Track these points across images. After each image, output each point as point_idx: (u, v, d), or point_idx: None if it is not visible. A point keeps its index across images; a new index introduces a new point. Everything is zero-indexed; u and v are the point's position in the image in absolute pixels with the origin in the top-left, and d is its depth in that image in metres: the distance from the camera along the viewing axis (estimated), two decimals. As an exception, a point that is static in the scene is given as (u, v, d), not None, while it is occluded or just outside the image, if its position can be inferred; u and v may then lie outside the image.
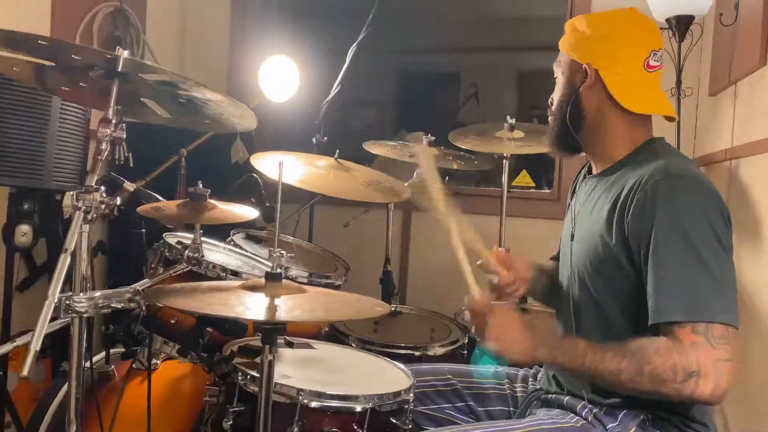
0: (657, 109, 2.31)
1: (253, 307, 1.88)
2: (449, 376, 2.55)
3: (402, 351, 3.00)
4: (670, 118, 2.38)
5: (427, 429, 2.35)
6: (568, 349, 2.04)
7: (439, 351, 3.08)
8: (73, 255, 1.73)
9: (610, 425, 2.10)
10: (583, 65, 2.27)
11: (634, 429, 2.08)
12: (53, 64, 1.88)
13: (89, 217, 1.79)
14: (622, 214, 2.08)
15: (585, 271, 2.24)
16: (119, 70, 1.84)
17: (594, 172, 2.40)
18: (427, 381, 2.52)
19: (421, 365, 2.65)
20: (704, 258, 1.94)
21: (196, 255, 2.53)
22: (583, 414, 2.17)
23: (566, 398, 2.26)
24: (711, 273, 1.94)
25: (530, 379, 2.55)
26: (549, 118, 2.43)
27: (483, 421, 2.46)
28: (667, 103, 2.33)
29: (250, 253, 3.23)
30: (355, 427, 2.14)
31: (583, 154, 2.41)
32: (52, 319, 1.61)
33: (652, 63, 2.25)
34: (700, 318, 1.90)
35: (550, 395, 2.34)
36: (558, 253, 2.61)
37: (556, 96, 2.40)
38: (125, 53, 1.83)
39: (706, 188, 2.04)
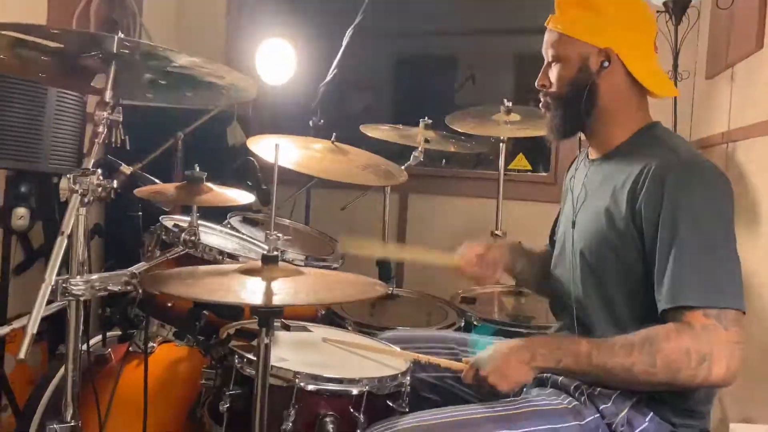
0: (673, 90, 2.31)
1: (251, 291, 1.88)
2: (452, 345, 2.56)
3: (399, 334, 3.00)
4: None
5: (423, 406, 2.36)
6: (569, 349, 2.00)
7: (436, 334, 3.08)
8: (70, 238, 1.73)
9: (602, 406, 2.09)
10: (604, 49, 2.18)
11: (626, 410, 2.07)
12: (61, 45, 1.87)
13: (86, 200, 1.79)
14: (632, 200, 2.06)
15: (590, 256, 2.22)
16: (114, 51, 1.85)
17: (592, 156, 2.37)
18: (428, 347, 2.53)
19: (422, 331, 2.66)
20: (717, 245, 1.97)
21: (193, 238, 2.53)
22: (576, 395, 2.16)
23: (561, 378, 2.24)
24: (723, 259, 1.97)
25: None
26: (548, 103, 2.33)
27: (483, 393, 2.45)
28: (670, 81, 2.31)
29: (247, 236, 3.23)
30: (352, 411, 2.14)
31: (577, 136, 2.39)
32: (49, 302, 1.61)
33: (656, 44, 2.27)
34: (714, 303, 1.90)
35: (545, 373, 2.33)
36: (551, 241, 2.61)
37: (561, 82, 2.27)
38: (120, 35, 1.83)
39: (718, 176, 2.06)
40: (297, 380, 2.10)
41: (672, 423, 2.08)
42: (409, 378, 2.28)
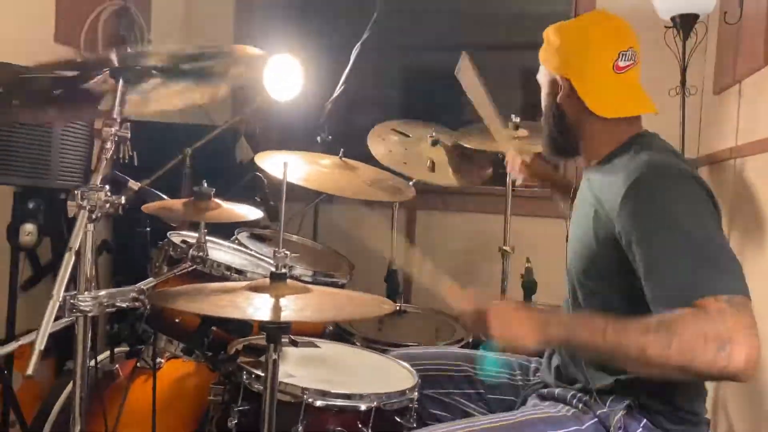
0: (630, 111, 2.31)
1: (259, 307, 1.88)
2: (461, 362, 2.58)
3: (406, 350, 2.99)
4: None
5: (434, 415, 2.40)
6: (585, 324, 1.94)
7: (444, 350, 3.08)
8: (78, 254, 1.73)
9: (599, 411, 2.13)
10: (557, 76, 2.34)
11: (620, 414, 2.10)
12: (77, 72, 1.88)
13: (94, 216, 1.79)
14: (606, 211, 2.10)
15: (578, 272, 2.27)
16: (117, 65, 1.85)
17: (585, 170, 2.43)
18: (437, 364, 2.56)
19: (432, 349, 2.69)
20: (700, 239, 1.92)
21: (201, 254, 2.53)
22: (573, 403, 2.21)
23: (557, 390, 2.30)
24: (711, 248, 1.92)
25: (538, 373, 2.56)
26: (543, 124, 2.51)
27: (492, 408, 2.50)
28: (645, 100, 2.32)
29: (255, 251, 3.23)
30: (360, 426, 2.14)
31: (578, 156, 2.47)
32: (57, 318, 1.61)
33: (621, 64, 2.27)
34: (722, 289, 1.82)
35: (545, 389, 2.38)
36: None
37: (542, 104, 2.48)
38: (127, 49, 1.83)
39: (686, 176, 2.06)
40: (305, 396, 2.10)
41: (665, 429, 2.10)
42: (416, 394, 2.28)
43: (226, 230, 3.19)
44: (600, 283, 2.19)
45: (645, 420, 2.10)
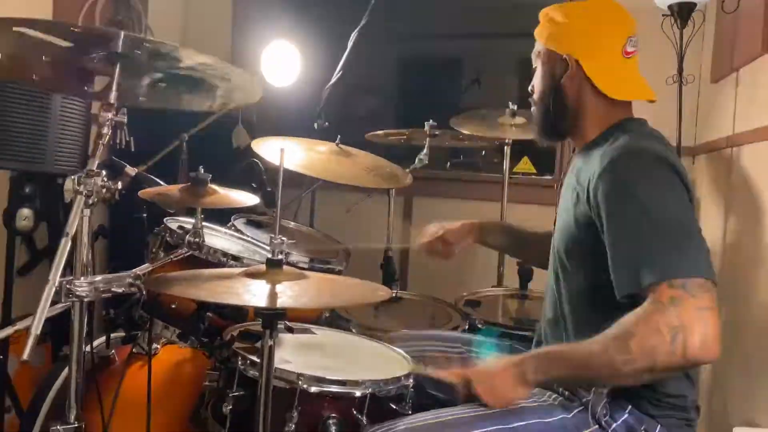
0: (636, 95, 2.37)
1: (255, 294, 1.88)
2: (458, 344, 2.60)
3: (402, 336, 2.99)
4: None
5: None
6: (554, 360, 2.05)
7: (440, 336, 3.08)
8: (74, 239, 1.73)
9: (585, 399, 2.15)
10: (564, 56, 2.34)
11: (605, 401, 2.12)
12: (71, 44, 1.86)
13: (90, 202, 1.79)
14: (584, 193, 2.14)
15: (561, 253, 2.31)
16: (119, 50, 1.84)
17: (575, 153, 2.48)
18: (434, 345, 2.60)
19: (429, 330, 2.70)
20: (665, 220, 1.96)
21: (197, 240, 2.52)
22: (560, 390, 2.23)
23: None
24: (675, 232, 1.95)
25: None
26: (532, 108, 2.54)
27: None
28: (646, 86, 2.38)
29: (251, 238, 3.23)
30: (355, 413, 2.14)
31: (569, 138, 2.50)
32: (53, 303, 1.61)
33: (629, 49, 2.33)
34: (675, 273, 1.87)
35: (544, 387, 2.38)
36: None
37: (537, 86, 2.48)
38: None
39: (660, 160, 2.09)
40: (300, 382, 2.10)
41: (651, 415, 2.12)
42: (411, 380, 2.28)
43: (222, 216, 3.19)
44: (581, 263, 2.22)
45: (630, 406, 2.11)
